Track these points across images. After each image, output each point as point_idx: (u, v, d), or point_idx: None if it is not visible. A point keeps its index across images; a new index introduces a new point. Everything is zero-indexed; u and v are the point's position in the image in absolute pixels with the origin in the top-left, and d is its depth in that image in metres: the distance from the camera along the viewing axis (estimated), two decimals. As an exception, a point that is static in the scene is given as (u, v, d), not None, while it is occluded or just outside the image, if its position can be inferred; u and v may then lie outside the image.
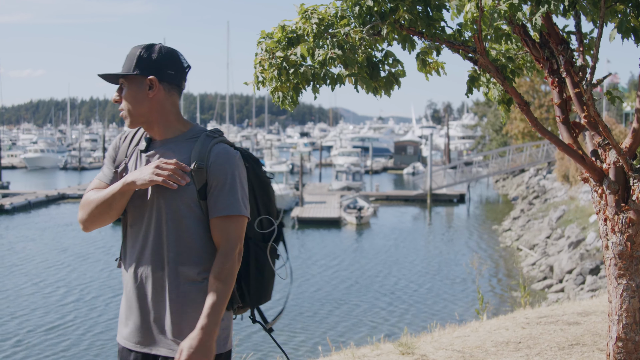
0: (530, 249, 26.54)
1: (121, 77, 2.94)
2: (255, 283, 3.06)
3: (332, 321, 18.28)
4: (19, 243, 29.76)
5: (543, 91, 49.10)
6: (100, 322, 17.96)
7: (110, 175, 3.02)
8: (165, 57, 2.92)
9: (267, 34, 4.00)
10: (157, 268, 2.87)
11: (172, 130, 2.94)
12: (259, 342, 16.11)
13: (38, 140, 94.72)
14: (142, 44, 2.95)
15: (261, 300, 3.16)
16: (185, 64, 2.99)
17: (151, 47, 2.93)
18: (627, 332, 3.90)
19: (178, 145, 2.91)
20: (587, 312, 6.82)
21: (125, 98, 2.92)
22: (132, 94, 2.91)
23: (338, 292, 21.48)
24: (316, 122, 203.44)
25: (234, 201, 2.85)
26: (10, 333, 17.06)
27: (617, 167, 3.86)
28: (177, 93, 2.96)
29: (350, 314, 18.98)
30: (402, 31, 3.84)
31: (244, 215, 2.86)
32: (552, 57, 3.96)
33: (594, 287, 18.91)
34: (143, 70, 2.90)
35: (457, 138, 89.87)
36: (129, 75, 2.92)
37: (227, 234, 2.84)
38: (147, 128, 2.95)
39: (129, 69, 2.92)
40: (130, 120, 2.93)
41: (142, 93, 2.90)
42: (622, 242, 3.85)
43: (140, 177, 2.82)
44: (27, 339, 16.62)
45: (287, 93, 4.04)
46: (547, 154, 44.80)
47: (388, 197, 45.52)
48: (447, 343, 5.93)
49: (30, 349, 15.89)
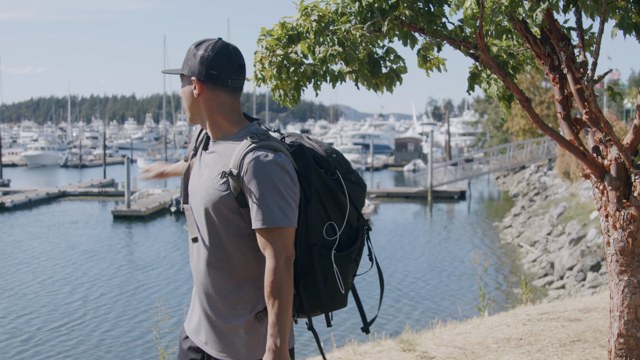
0: (531, 245, 26.54)
1: (182, 75, 2.93)
2: (320, 290, 2.91)
3: (334, 318, 18.23)
4: (22, 240, 29.76)
5: (544, 88, 49.09)
6: (109, 320, 17.98)
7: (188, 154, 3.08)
8: (210, 55, 2.82)
9: (267, 32, 3.99)
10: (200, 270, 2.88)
11: (221, 131, 2.86)
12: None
13: (39, 137, 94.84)
14: (198, 41, 2.89)
15: (331, 307, 3.02)
16: (237, 62, 2.86)
17: (201, 44, 2.86)
18: (628, 328, 3.89)
19: (226, 147, 2.83)
20: (588, 309, 6.82)
21: (181, 94, 2.93)
22: (184, 91, 2.90)
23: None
24: (317, 120, 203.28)
25: (269, 213, 2.72)
26: (18, 330, 17.08)
27: (619, 163, 3.85)
28: (225, 92, 2.84)
29: (351, 311, 18.98)
30: (403, 27, 3.83)
31: (285, 225, 2.72)
32: (553, 53, 3.95)
33: (594, 284, 18.91)
34: (189, 69, 2.86)
35: (458, 135, 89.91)
36: (183, 74, 2.91)
37: (268, 246, 2.73)
38: (203, 126, 2.94)
39: (182, 67, 2.91)
40: (188, 116, 2.95)
41: (190, 92, 2.87)
42: (624, 239, 3.85)
43: None
44: (37, 336, 16.64)
45: (288, 91, 4.03)
46: (547, 151, 44.78)
47: (389, 194, 45.52)
48: (448, 340, 5.93)
49: (40, 346, 15.91)
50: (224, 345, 2.85)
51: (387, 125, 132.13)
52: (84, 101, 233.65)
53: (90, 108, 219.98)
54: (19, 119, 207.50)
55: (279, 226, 2.70)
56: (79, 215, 37.28)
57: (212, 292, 2.84)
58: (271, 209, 2.70)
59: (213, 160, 2.85)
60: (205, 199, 2.80)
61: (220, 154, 2.83)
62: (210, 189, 2.78)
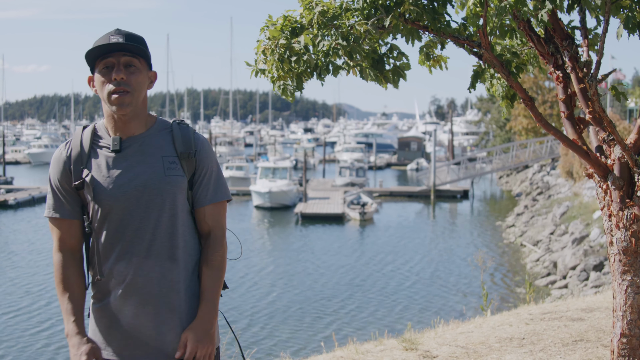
0: (534, 245, 26.51)
1: (137, 56, 2.77)
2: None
3: (335, 317, 18.28)
4: (25, 238, 29.80)
5: (547, 87, 49.05)
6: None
7: (70, 207, 2.80)
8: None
9: (272, 22, 3.98)
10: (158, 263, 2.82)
11: (146, 123, 2.83)
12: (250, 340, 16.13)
13: (42, 135, 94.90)
14: (121, 29, 2.77)
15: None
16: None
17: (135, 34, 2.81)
18: (631, 328, 3.89)
19: (154, 137, 2.81)
20: (591, 308, 6.81)
21: (135, 79, 2.75)
22: (141, 80, 2.77)
23: (341, 288, 21.48)
24: (320, 118, 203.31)
25: (225, 187, 2.88)
26: (18, 328, 17.10)
27: (622, 162, 3.85)
28: None
29: (353, 310, 18.98)
30: (407, 24, 3.82)
31: (230, 199, 2.91)
32: (556, 52, 3.94)
33: (597, 283, 18.89)
34: (149, 60, 2.83)
35: (461, 134, 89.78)
36: (142, 58, 2.78)
37: (219, 220, 2.85)
38: (127, 120, 2.76)
39: (144, 52, 2.77)
40: (130, 107, 2.73)
41: (145, 83, 2.79)
42: (627, 238, 3.84)
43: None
44: (35, 335, 16.66)
45: (290, 83, 4.01)
46: (551, 150, 44.73)
47: (392, 193, 45.49)
48: (450, 339, 5.93)
49: (39, 344, 15.93)
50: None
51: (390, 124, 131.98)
52: (87, 99, 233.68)
53: (93, 106, 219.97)
54: (23, 117, 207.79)
55: (230, 199, 2.92)
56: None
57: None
58: (225, 183, 2.89)
59: (147, 152, 2.78)
60: (167, 192, 2.77)
61: (152, 144, 2.79)
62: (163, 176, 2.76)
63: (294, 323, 17.69)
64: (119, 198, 2.71)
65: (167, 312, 2.75)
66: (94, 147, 2.79)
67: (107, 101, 2.73)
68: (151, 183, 2.73)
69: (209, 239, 2.84)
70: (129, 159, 2.76)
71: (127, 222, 2.72)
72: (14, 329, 17.01)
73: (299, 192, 40.98)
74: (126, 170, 2.74)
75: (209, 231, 2.84)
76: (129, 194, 2.72)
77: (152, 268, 2.74)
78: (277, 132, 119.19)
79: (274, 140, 74.65)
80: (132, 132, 2.78)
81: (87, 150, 2.78)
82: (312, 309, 19.00)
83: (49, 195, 2.81)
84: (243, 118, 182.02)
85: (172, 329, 2.75)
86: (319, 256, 26.62)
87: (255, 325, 17.42)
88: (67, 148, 2.81)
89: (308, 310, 18.92)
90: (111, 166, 2.74)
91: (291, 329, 17.19)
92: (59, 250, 2.80)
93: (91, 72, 2.81)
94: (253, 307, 19.22)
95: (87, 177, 2.73)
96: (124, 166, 2.75)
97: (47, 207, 2.81)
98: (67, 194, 2.78)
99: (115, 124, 2.77)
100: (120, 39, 2.71)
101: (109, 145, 2.77)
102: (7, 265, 24.35)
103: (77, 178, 2.75)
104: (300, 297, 20.21)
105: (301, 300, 19.90)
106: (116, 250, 2.73)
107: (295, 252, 27.69)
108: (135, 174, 2.74)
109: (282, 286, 21.80)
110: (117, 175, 2.73)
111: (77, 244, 2.81)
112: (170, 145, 2.80)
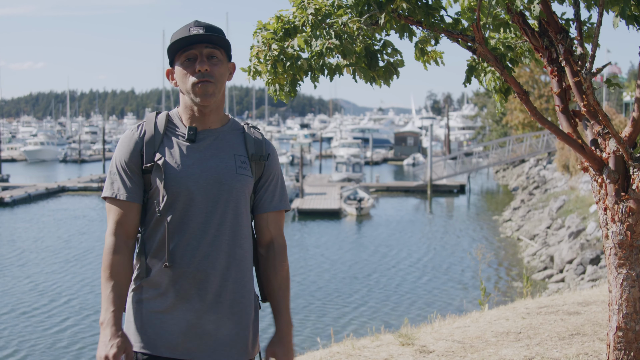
0: (531, 239, 26.54)
1: (218, 47, 2.69)
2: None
3: (332, 312, 18.28)
4: (21, 236, 29.76)
5: (543, 81, 49.05)
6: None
7: (134, 189, 2.68)
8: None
9: (263, 25, 3.96)
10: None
11: (222, 120, 2.78)
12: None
13: (38, 132, 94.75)
14: (205, 22, 2.71)
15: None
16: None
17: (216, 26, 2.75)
18: (627, 321, 3.88)
19: (228, 134, 2.76)
20: (588, 302, 6.81)
21: (218, 70, 2.68)
22: (223, 71, 2.71)
23: (338, 283, 21.49)
24: (316, 114, 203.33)
25: (287, 196, 2.85)
26: (16, 326, 17.08)
27: (617, 156, 3.84)
28: None
29: (350, 305, 18.99)
30: (400, 20, 3.81)
31: (289, 210, 2.92)
32: (551, 45, 3.93)
33: (594, 277, 18.91)
34: (229, 51, 2.77)
35: (457, 129, 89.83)
36: (223, 49, 2.72)
37: (281, 228, 2.80)
38: (207, 113, 2.70)
39: (225, 42, 2.70)
40: (213, 97, 2.67)
41: (226, 74, 2.75)
42: (622, 232, 3.84)
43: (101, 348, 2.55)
44: (33, 333, 16.64)
45: (284, 85, 4.00)
46: (547, 144, 44.78)
47: (388, 188, 45.51)
48: (447, 334, 5.92)
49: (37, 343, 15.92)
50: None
51: (386, 119, 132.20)
52: (83, 96, 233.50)
53: (89, 103, 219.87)
54: (18, 114, 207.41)
55: (289, 209, 2.89)
56: (79, 210, 37.25)
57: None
58: (287, 193, 2.88)
59: (220, 148, 2.73)
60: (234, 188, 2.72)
61: (226, 141, 2.75)
62: (234, 174, 2.71)
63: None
64: (190, 187, 2.63)
65: (238, 317, 2.71)
66: (168, 133, 2.70)
67: (191, 92, 2.65)
68: (223, 177, 2.66)
69: (273, 248, 2.77)
70: (202, 151, 2.68)
71: (193, 213, 2.64)
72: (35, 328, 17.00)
73: (295, 188, 40.98)
74: (199, 162, 2.66)
75: (271, 240, 2.78)
76: (199, 184, 2.64)
77: (216, 266, 2.66)
78: (273, 127, 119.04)
79: (270, 136, 74.59)
80: (208, 125, 2.72)
81: (162, 135, 2.69)
82: (308, 304, 19.00)
83: (112, 176, 2.66)
84: (239, 114, 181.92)
85: (239, 334, 2.70)
86: (315, 251, 26.62)
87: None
88: (139, 130, 2.70)
89: (304, 305, 18.92)
90: (185, 154, 2.66)
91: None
92: (113, 233, 2.64)
93: (170, 65, 2.73)
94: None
95: (159, 161, 2.63)
96: (197, 157, 2.67)
97: (108, 188, 2.66)
98: (134, 175, 2.65)
99: (193, 115, 2.70)
100: (200, 30, 2.64)
101: (184, 134, 2.69)
102: (2, 264, 24.30)
103: (149, 160, 2.64)
104: (297, 293, 20.20)
105: (297, 295, 19.90)
106: (175, 240, 2.63)
107: (291, 248, 27.70)
108: (208, 166, 2.66)
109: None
110: (190, 165, 2.65)
111: (133, 230, 2.67)
112: (242, 146, 2.75)
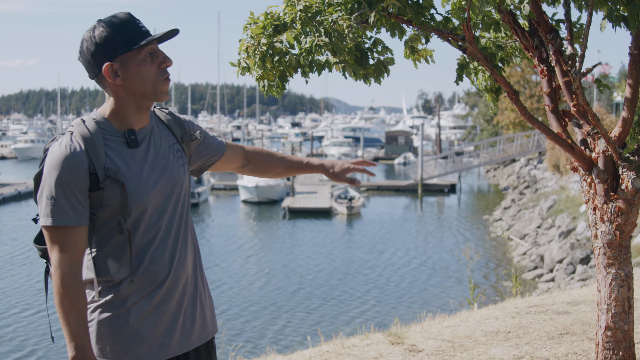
0: (521, 238, 26.60)
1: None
2: None
3: (322, 312, 18.28)
4: (12, 234, 29.66)
5: (534, 81, 49.18)
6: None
7: (84, 212, 2.45)
8: None
9: (254, 19, 3.95)
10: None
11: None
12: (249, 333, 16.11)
13: (28, 130, 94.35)
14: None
15: None
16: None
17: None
18: (615, 321, 3.89)
19: (154, 129, 2.66)
20: (577, 302, 6.82)
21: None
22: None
23: (328, 283, 21.49)
24: (307, 113, 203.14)
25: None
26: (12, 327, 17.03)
27: (606, 156, 3.84)
28: None
29: (340, 305, 18.99)
30: (390, 19, 3.80)
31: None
32: (541, 45, 3.93)
33: (584, 277, 18.97)
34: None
35: (448, 128, 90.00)
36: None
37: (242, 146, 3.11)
38: (146, 111, 2.59)
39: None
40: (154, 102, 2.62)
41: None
42: (611, 231, 3.84)
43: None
44: (32, 333, 16.59)
45: (273, 80, 3.99)
46: (537, 144, 44.90)
47: (379, 187, 45.53)
48: (436, 333, 5.92)
49: (36, 341, 15.86)
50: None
51: (377, 118, 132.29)
52: (74, 94, 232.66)
53: (80, 101, 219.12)
54: (9, 112, 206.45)
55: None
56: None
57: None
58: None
59: (158, 145, 2.64)
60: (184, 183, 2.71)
61: (161, 136, 2.67)
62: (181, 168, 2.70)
63: (280, 317, 17.68)
64: (151, 195, 2.52)
65: (205, 300, 2.74)
66: (106, 142, 2.50)
67: (157, 89, 2.54)
68: (172, 175, 2.61)
69: (251, 150, 3.11)
70: (146, 154, 2.57)
71: (155, 218, 2.55)
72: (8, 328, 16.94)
73: (286, 187, 40.97)
74: (150, 167, 2.56)
75: (243, 151, 3.09)
76: (158, 189, 2.54)
77: (185, 261, 2.63)
78: (264, 126, 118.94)
79: (261, 135, 74.47)
80: (142, 124, 2.59)
81: (103, 146, 2.48)
82: (298, 304, 18.99)
83: (54, 202, 2.39)
84: (230, 112, 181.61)
85: (209, 314, 2.75)
86: (306, 250, 26.61)
87: (241, 319, 17.40)
88: (77, 143, 2.45)
89: (295, 304, 18.91)
90: (135, 162, 2.53)
91: (277, 323, 17.17)
92: (66, 262, 2.39)
93: (110, 60, 2.49)
94: (239, 301, 19.20)
95: (116, 176, 2.45)
96: (144, 162, 2.55)
97: (50, 216, 2.40)
98: (81, 196, 2.42)
99: (131, 117, 2.55)
100: (142, 28, 2.54)
101: (120, 140, 2.53)
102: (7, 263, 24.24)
103: (102, 177, 2.43)
104: (287, 292, 20.19)
105: (288, 294, 19.89)
106: (143, 249, 2.52)
107: (282, 247, 27.67)
108: (158, 168, 2.57)
109: (269, 281, 21.78)
110: (142, 172, 2.53)
111: (82, 253, 2.46)
112: (168, 133, 2.69)
